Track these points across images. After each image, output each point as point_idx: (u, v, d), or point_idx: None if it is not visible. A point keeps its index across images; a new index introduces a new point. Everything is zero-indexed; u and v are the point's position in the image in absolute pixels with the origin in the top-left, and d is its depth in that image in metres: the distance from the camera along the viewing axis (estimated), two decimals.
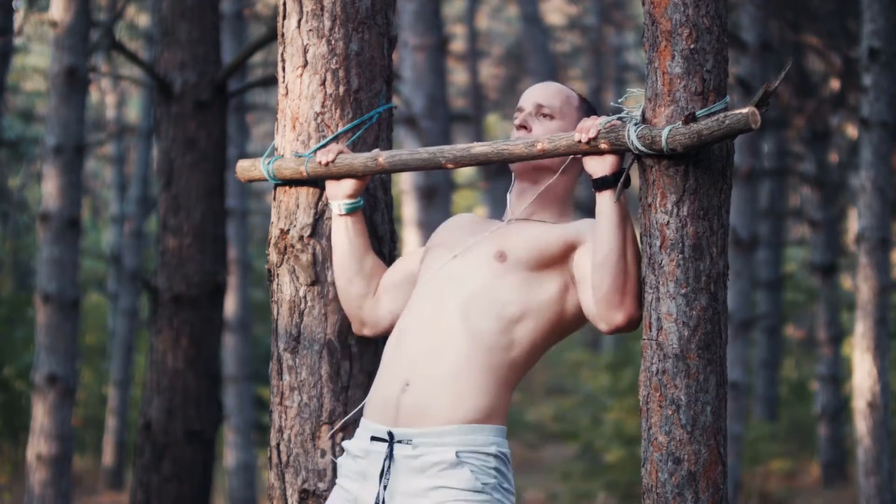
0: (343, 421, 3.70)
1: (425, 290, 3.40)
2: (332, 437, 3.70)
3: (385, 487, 3.27)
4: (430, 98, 10.19)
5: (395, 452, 3.28)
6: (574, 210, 3.55)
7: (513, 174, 3.53)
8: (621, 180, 3.22)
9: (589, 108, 3.51)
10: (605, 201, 3.23)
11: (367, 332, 3.64)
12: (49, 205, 6.63)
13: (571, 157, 3.40)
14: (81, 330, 13.24)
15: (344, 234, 3.63)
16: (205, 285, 6.16)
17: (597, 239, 3.24)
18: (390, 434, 3.29)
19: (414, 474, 3.25)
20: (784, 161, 13.76)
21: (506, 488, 3.28)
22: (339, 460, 3.45)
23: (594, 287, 3.24)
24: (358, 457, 3.36)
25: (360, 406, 3.68)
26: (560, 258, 3.34)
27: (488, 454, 3.26)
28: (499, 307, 3.31)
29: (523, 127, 3.47)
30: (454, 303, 3.33)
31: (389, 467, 3.27)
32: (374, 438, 3.33)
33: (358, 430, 3.41)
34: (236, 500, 11.07)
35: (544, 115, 3.46)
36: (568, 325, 3.38)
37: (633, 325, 3.24)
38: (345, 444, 3.43)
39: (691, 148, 3.08)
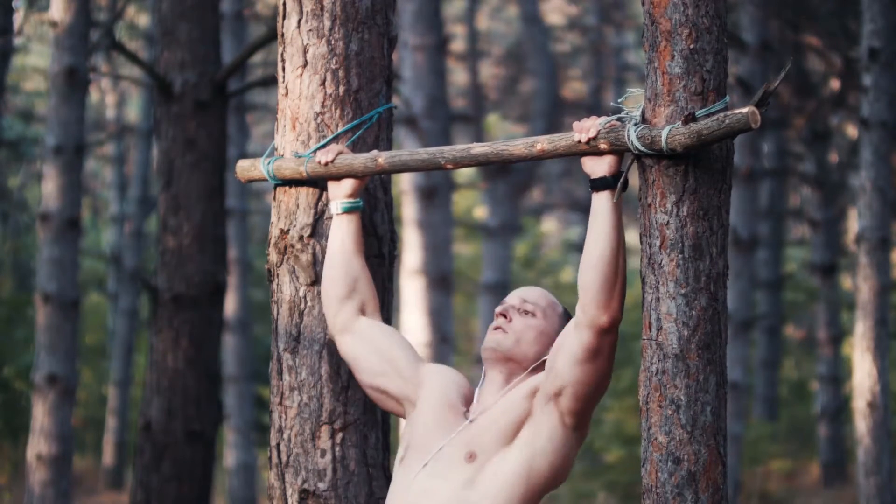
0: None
1: (404, 500, 3.36)
2: (336, 442, 3.70)
3: None
4: (430, 98, 10.19)
5: None
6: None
7: (483, 365, 3.48)
8: (620, 182, 3.22)
9: (570, 319, 3.47)
10: (603, 202, 3.23)
11: (335, 339, 3.61)
12: (49, 205, 6.64)
13: (542, 359, 3.37)
14: (81, 330, 13.23)
15: (338, 234, 3.62)
16: (205, 285, 6.17)
17: (590, 239, 3.23)
18: None
19: None
20: (784, 161, 13.76)
21: None
22: None
23: (583, 289, 3.23)
24: None
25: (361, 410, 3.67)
26: (527, 412, 3.32)
27: None
28: None
29: (503, 315, 3.43)
30: None
31: None
32: None
33: None
34: (236, 500, 11.07)
35: (526, 312, 3.43)
36: (568, 445, 3.35)
37: (614, 327, 3.23)
38: None
39: (691, 148, 3.08)
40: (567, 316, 3.47)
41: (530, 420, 3.32)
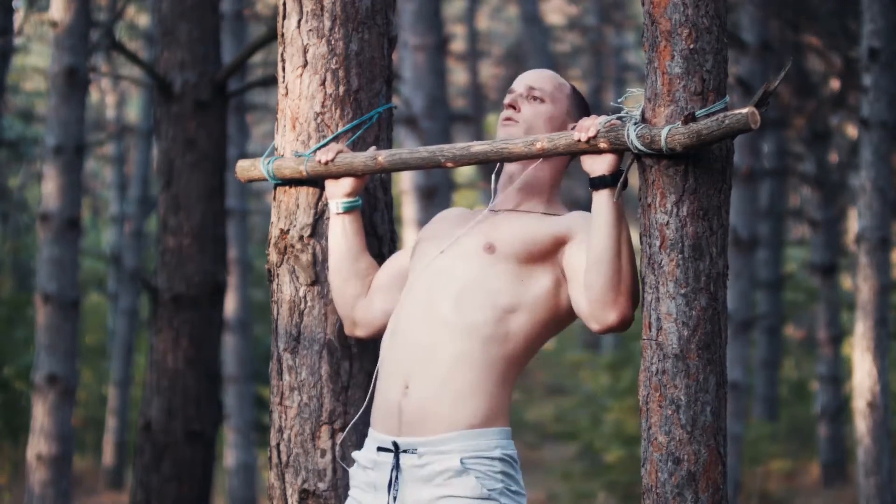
0: (348, 427, 3.70)
1: (415, 286, 3.38)
2: (336, 440, 3.70)
3: (395, 499, 3.26)
4: (430, 98, 10.19)
5: (401, 462, 3.27)
6: (562, 201, 3.54)
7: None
8: (620, 181, 3.22)
9: (580, 98, 3.51)
10: (603, 201, 3.23)
11: (359, 332, 3.62)
12: (49, 205, 6.63)
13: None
14: (81, 330, 13.23)
15: (341, 234, 3.63)
16: (205, 285, 6.17)
17: (592, 238, 3.23)
18: (395, 444, 3.28)
19: (421, 483, 3.25)
20: (784, 161, 13.76)
21: (514, 491, 3.27)
22: (350, 471, 3.44)
23: (587, 286, 3.23)
24: (367, 468, 3.35)
25: (361, 409, 3.68)
26: (550, 253, 3.33)
27: (493, 458, 3.25)
28: (491, 298, 3.29)
29: (512, 106, 3.45)
30: (446, 297, 3.31)
31: (397, 477, 3.27)
32: (380, 449, 3.32)
33: (366, 441, 3.40)
34: (236, 500, 11.07)
35: (535, 98, 3.46)
36: (562, 319, 3.36)
37: (625, 324, 3.23)
38: (354, 454, 3.42)
39: (691, 148, 3.08)
40: (575, 93, 3.52)
41: (551, 263, 3.33)
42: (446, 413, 3.24)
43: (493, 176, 3.54)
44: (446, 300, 3.31)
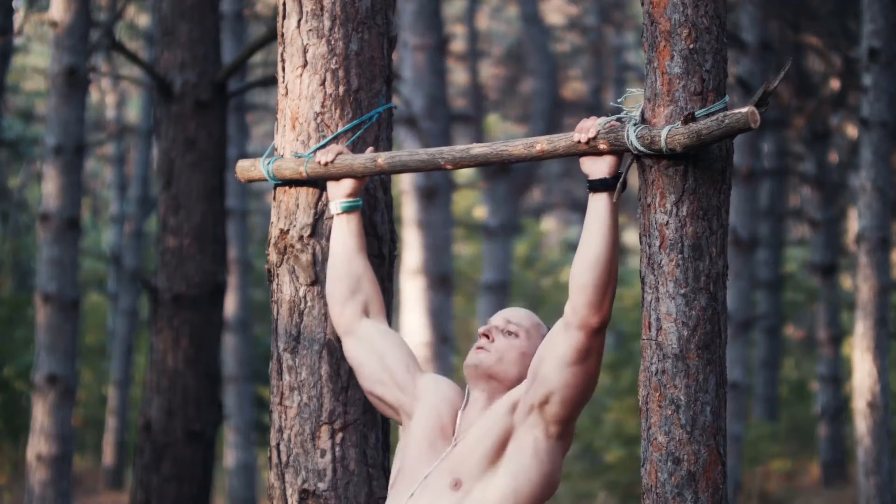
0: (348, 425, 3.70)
1: None
2: (336, 442, 3.70)
3: None
4: (430, 98, 10.19)
5: None
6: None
7: (466, 384, 3.47)
8: (619, 183, 3.22)
9: None
10: (601, 203, 3.23)
11: (340, 333, 3.62)
12: (49, 205, 6.64)
13: (521, 379, 3.37)
14: (81, 330, 13.24)
15: (339, 234, 3.63)
16: (205, 285, 6.17)
17: (586, 240, 3.23)
18: None
19: None
20: (784, 161, 13.76)
21: None
22: None
23: (581, 288, 3.22)
24: None
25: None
26: (510, 424, 3.31)
27: None
28: None
29: (486, 336, 3.42)
30: None
31: None
32: None
33: None
34: (236, 500, 11.07)
35: (510, 333, 3.42)
36: (555, 473, 3.36)
37: (603, 328, 3.23)
38: None
39: (691, 148, 3.09)
40: None
41: (513, 437, 3.31)
42: None
43: (459, 413, 3.46)
44: None
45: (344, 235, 3.62)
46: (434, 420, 3.43)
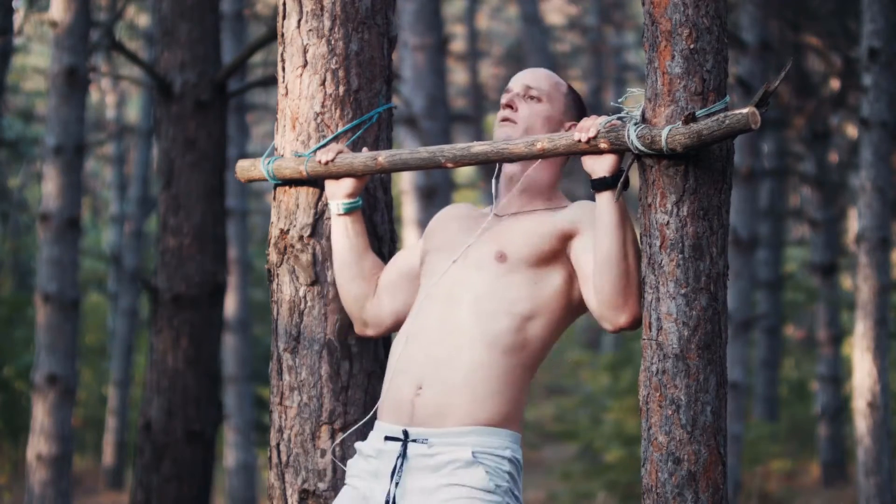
0: (350, 430, 3.70)
1: (431, 297, 3.38)
2: (336, 439, 3.70)
3: (396, 485, 3.26)
4: (430, 98, 10.19)
5: (408, 451, 3.27)
6: (562, 194, 3.53)
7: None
8: (620, 181, 3.22)
9: (577, 97, 3.52)
10: (605, 202, 3.23)
11: (370, 332, 3.64)
12: (49, 205, 6.63)
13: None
14: (81, 330, 13.24)
15: (343, 235, 3.63)
16: (205, 285, 6.17)
17: (597, 240, 3.23)
18: (405, 433, 3.29)
19: (427, 472, 3.25)
20: (784, 161, 13.76)
21: (516, 495, 3.28)
22: (349, 462, 3.44)
23: (596, 289, 3.24)
24: (370, 456, 3.35)
25: (363, 420, 3.67)
26: (559, 251, 3.34)
27: (503, 457, 3.26)
28: (509, 306, 3.31)
29: (509, 106, 3.46)
30: (463, 306, 3.32)
31: (402, 465, 3.27)
32: (388, 438, 3.32)
33: (371, 433, 3.40)
34: (236, 500, 11.07)
35: (532, 97, 3.46)
36: (575, 313, 3.39)
37: (636, 324, 3.24)
38: (357, 445, 3.42)
39: (691, 148, 3.08)
40: (572, 92, 3.51)
41: (558, 261, 3.34)
42: (462, 409, 3.25)
43: (493, 180, 3.54)
44: (463, 311, 3.32)
45: (350, 236, 3.62)
46: (461, 213, 3.54)
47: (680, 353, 3.12)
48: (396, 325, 3.58)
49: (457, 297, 3.33)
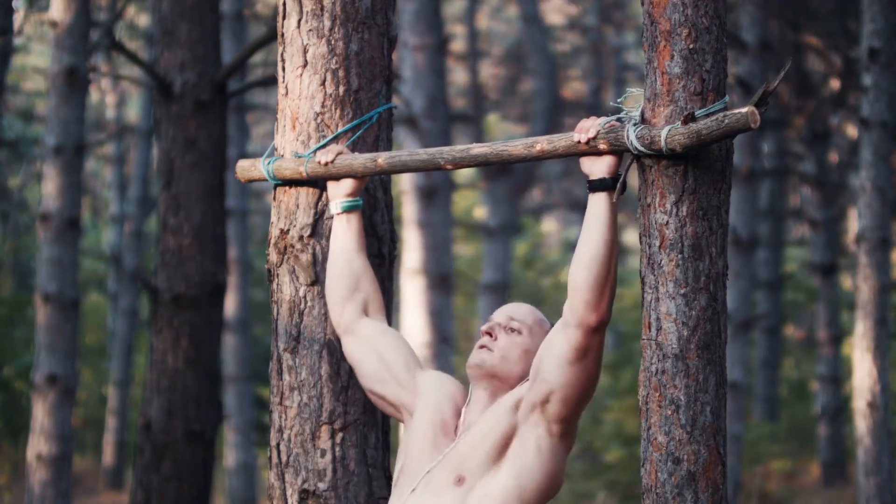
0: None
1: None
2: (336, 442, 3.70)
3: None
4: (430, 98, 10.19)
5: None
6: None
7: (470, 383, 3.47)
8: (619, 184, 3.22)
9: None
10: (600, 203, 3.23)
11: (339, 333, 3.61)
12: (49, 205, 6.64)
13: (525, 378, 3.37)
14: (81, 330, 13.24)
15: (340, 234, 3.63)
16: (205, 285, 6.17)
17: (585, 239, 3.23)
18: None
19: None
20: (784, 161, 13.76)
21: None
22: None
23: (575, 288, 3.22)
24: None
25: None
26: (513, 422, 3.31)
27: None
28: None
29: (488, 334, 3.42)
30: None
31: None
32: None
33: None
34: (236, 500, 11.07)
35: (512, 329, 3.42)
36: (561, 460, 3.35)
37: (602, 327, 3.23)
38: None
39: (690, 148, 3.09)
40: None
41: (517, 436, 3.31)
42: None
43: (463, 409, 3.46)
44: None
45: (344, 235, 3.62)
46: (436, 416, 3.43)
47: (679, 353, 3.12)
48: (353, 359, 3.57)
49: None
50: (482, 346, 3.42)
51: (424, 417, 3.44)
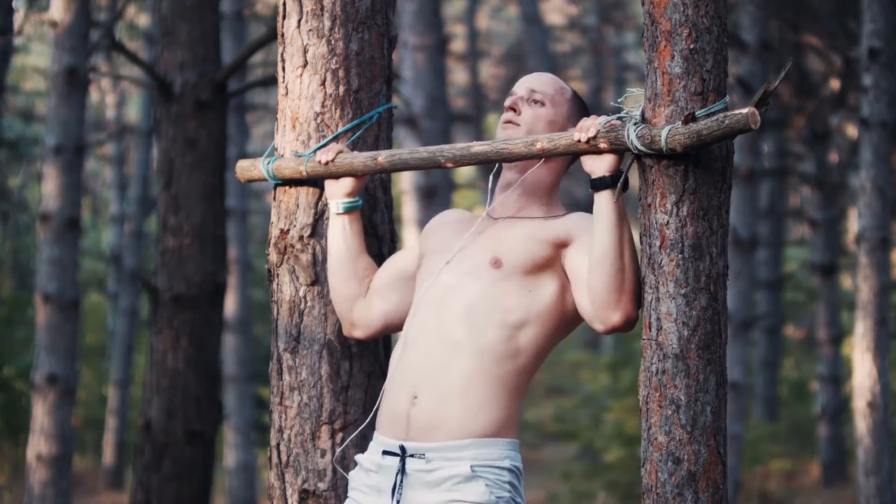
0: (350, 438, 3.70)
1: (425, 301, 3.37)
2: (336, 440, 3.70)
3: (398, 502, 3.26)
4: (430, 98, 10.19)
5: (407, 466, 3.26)
6: (560, 203, 3.53)
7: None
8: (620, 182, 3.22)
9: (581, 102, 3.50)
10: (603, 201, 3.23)
11: (357, 333, 3.62)
12: (49, 205, 6.63)
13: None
14: (81, 330, 13.24)
15: (340, 234, 3.62)
16: (205, 285, 6.17)
17: (594, 239, 3.23)
18: (402, 448, 3.28)
19: (427, 488, 3.24)
20: (784, 161, 13.76)
21: (518, 502, 3.27)
22: (351, 474, 3.43)
23: (590, 287, 3.23)
24: (371, 471, 3.34)
25: (366, 421, 3.67)
26: (553, 258, 3.33)
27: (502, 468, 3.25)
28: (501, 315, 3.29)
29: (512, 109, 3.44)
30: (456, 313, 3.31)
31: (402, 481, 3.26)
32: (385, 453, 3.31)
33: (371, 444, 3.40)
34: (236, 500, 11.07)
35: (535, 101, 3.44)
36: (569, 323, 3.37)
37: (629, 324, 3.23)
38: (357, 457, 3.41)
39: (691, 148, 3.08)
40: (576, 97, 3.50)
41: (553, 268, 3.33)
42: (457, 421, 3.24)
43: (490, 177, 3.53)
44: (457, 319, 3.30)
45: (346, 236, 3.62)
46: (449, 222, 3.51)
47: (680, 353, 3.12)
48: (385, 329, 3.57)
49: (450, 306, 3.32)
50: (508, 122, 3.43)
51: (435, 226, 3.51)
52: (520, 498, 3.27)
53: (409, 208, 10.23)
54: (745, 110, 3.02)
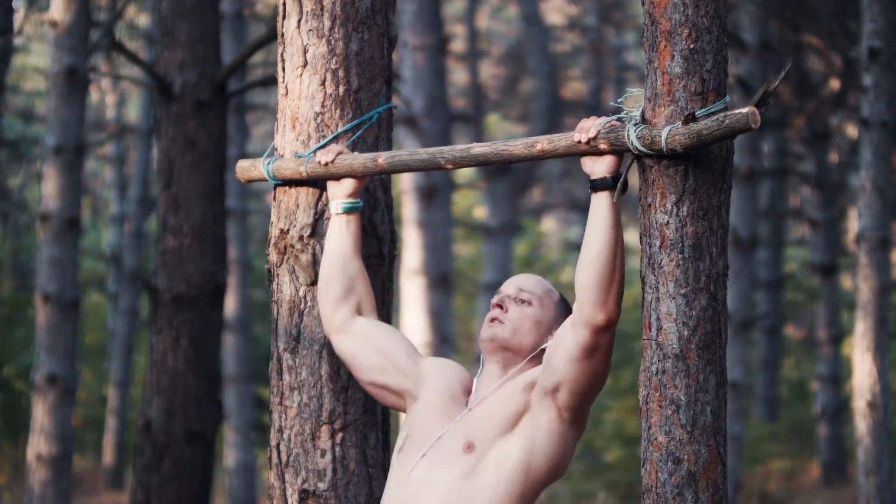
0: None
1: (398, 496, 3.37)
2: (336, 442, 3.70)
3: None
4: (430, 98, 10.19)
5: None
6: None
7: (481, 354, 3.48)
8: (619, 183, 3.22)
9: (567, 306, 3.47)
10: (602, 202, 3.23)
11: (331, 338, 3.61)
12: (49, 205, 6.64)
13: (539, 348, 3.38)
14: (81, 330, 13.24)
15: (337, 234, 3.62)
16: (205, 285, 6.17)
17: (589, 238, 3.24)
18: None
19: None
20: (784, 161, 13.76)
21: None
22: None
23: (581, 287, 3.23)
24: None
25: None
26: (527, 401, 3.32)
27: None
28: (477, 499, 3.30)
29: (499, 306, 3.43)
30: None
31: None
32: None
33: None
34: (236, 500, 11.07)
35: (523, 301, 3.42)
36: (536, 486, 3.35)
37: (610, 326, 3.23)
38: None
39: (691, 148, 3.08)
40: (564, 302, 3.48)
41: (528, 413, 3.33)
42: None
43: (475, 379, 3.47)
44: None
45: (342, 236, 3.62)
46: (444, 389, 3.45)
47: (680, 353, 3.12)
48: (348, 362, 3.57)
49: (423, 499, 3.31)
50: (493, 319, 3.43)
51: (433, 390, 3.46)
52: None
53: (409, 208, 10.23)
54: (745, 110, 3.02)
